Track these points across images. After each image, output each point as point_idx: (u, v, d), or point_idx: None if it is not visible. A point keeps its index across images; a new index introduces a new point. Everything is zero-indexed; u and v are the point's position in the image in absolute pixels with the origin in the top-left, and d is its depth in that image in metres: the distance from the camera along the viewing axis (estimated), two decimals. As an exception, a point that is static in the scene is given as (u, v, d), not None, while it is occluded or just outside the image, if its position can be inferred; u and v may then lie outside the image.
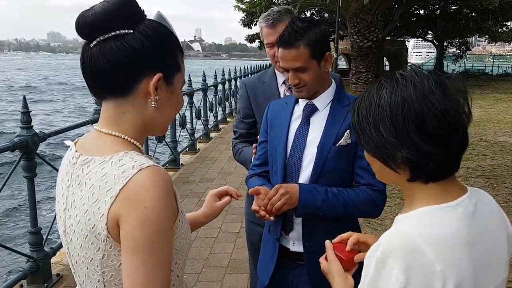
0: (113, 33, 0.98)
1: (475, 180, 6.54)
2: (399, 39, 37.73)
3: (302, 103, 1.79)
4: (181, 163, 7.63)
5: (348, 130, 1.68)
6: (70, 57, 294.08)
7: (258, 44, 32.30)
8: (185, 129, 8.15)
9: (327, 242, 1.29)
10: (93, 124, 1.08)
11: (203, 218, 1.49)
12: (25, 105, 3.36)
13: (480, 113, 13.91)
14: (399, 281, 0.89)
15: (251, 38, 32.01)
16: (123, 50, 0.97)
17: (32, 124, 3.39)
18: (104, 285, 1.01)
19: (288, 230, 1.78)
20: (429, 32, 37.30)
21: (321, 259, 1.29)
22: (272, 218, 1.63)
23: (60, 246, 3.95)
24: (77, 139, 1.12)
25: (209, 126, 10.35)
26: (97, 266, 0.99)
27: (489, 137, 9.95)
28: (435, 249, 0.91)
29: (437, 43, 38.60)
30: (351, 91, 19.26)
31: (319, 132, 1.72)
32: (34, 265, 3.43)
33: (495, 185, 6.32)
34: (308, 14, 30.11)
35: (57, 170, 3.65)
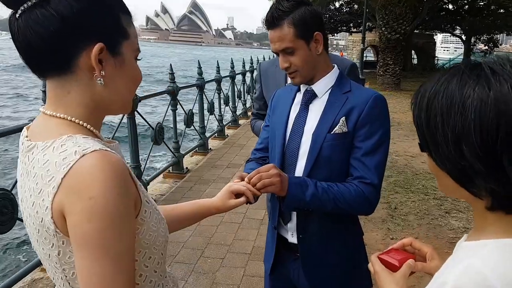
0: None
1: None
2: (427, 32, 37.10)
3: (302, 89, 1.70)
4: (210, 148, 7.74)
5: (343, 117, 1.56)
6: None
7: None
8: (213, 115, 8.26)
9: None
10: (41, 106, 0.97)
11: (215, 210, 1.43)
12: (45, 84, 3.38)
13: None
14: None
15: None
16: (50, 19, 0.83)
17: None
18: (69, 283, 0.91)
19: (287, 220, 1.71)
20: (457, 27, 36.55)
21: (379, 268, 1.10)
22: (257, 192, 1.47)
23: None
24: (30, 123, 0.99)
25: (238, 113, 10.46)
26: (56, 263, 0.89)
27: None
28: None
29: (464, 39, 37.83)
30: (378, 84, 19.06)
31: (316, 119, 1.62)
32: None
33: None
34: (337, 5, 29.89)
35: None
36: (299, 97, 1.72)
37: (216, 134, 8.74)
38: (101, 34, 0.88)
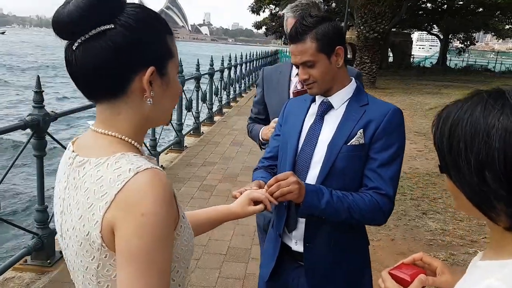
0: (93, 32, 0.88)
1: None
2: (404, 31, 37.61)
3: (318, 100, 1.73)
4: (185, 145, 7.67)
5: (361, 130, 1.59)
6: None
7: (265, 30, 32.38)
8: (190, 112, 8.18)
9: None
10: (90, 123, 1.02)
11: (233, 216, 1.46)
12: (38, 85, 3.37)
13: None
14: None
15: (258, 25, 32.21)
16: (107, 50, 0.88)
17: (44, 103, 3.40)
18: None
19: (291, 229, 1.72)
20: (434, 26, 37.17)
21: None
22: (275, 201, 1.48)
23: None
24: (75, 138, 1.05)
25: (214, 110, 10.43)
26: (92, 275, 0.92)
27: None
28: None
29: (442, 37, 38.50)
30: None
31: (331, 130, 1.65)
32: (39, 241, 3.45)
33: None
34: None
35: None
36: (314, 107, 1.75)
37: (191, 131, 8.65)
38: (152, 59, 0.94)
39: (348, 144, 1.59)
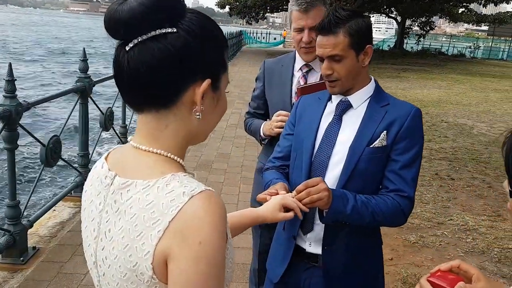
0: (153, 33, 0.80)
1: (439, 162, 6.71)
2: (364, 14, 38.07)
3: (335, 100, 1.67)
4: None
5: (385, 132, 1.56)
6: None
7: (228, 10, 31.82)
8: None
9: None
10: (129, 139, 0.93)
11: (261, 220, 1.41)
12: (10, 73, 3.17)
13: (440, 93, 14.29)
14: None
15: (222, 4, 31.54)
16: (167, 54, 0.80)
17: (16, 93, 3.23)
18: None
19: (306, 231, 1.68)
20: (393, 9, 37.79)
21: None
22: (306, 209, 1.46)
23: (37, 218, 3.82)
24: (107, 153, 0.95)
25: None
26: None
27: (449, 119, 10.24)
28: None
29: (400, 21, 39.24)
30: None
31: (351, 131, 1.61)
32: (11, 239, 3.31)
33: (457, 168, 6.48)
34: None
35: (40, 142, 3.57)
36: (330, 106, 1.70)
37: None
38: (210, 70, 0.87)
39: (371, 146, 1.57)
